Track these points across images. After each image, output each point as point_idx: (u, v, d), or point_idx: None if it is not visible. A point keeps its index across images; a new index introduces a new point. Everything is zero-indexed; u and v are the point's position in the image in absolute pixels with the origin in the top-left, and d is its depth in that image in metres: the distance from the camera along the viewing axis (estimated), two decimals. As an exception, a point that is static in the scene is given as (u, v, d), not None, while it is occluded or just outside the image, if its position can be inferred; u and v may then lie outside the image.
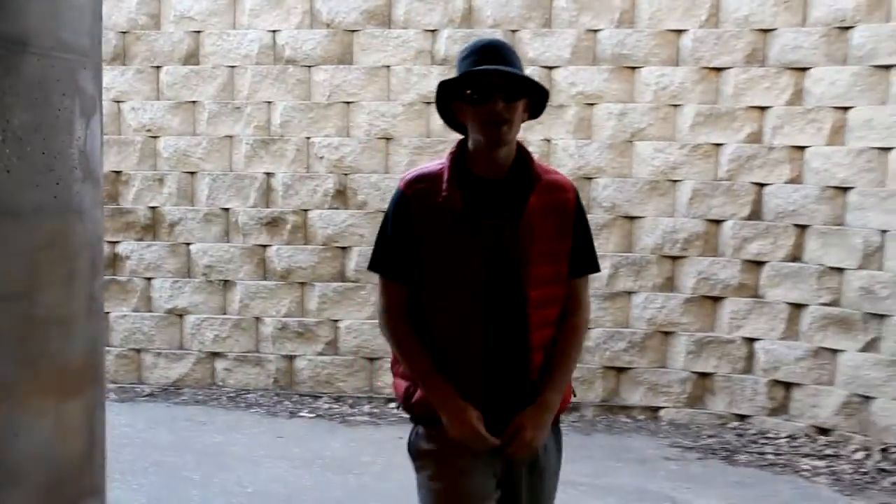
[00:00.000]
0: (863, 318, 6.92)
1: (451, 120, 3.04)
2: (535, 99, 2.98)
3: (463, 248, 2.95)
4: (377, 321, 3.26)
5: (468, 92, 2.88)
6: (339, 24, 8.15)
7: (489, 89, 2.83)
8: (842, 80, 7.12)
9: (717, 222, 7.50)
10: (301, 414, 7.82)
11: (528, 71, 7.36)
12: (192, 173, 8.21)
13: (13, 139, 2.97)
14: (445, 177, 2.97)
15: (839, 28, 7.13)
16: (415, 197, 2.99)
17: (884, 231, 6.82)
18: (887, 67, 6.88)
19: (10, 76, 2.90)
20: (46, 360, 3.17)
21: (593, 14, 7.69)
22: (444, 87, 2.96)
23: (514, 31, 7.88)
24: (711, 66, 7.61)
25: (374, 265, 3.13)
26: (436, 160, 3.33)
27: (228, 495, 5.94)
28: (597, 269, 3.22)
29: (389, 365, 3.26)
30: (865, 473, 6.59)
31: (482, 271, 2.95)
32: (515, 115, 2.88)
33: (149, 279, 8.23)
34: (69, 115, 3.27)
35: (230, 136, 8.29)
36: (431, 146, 7.99)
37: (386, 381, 8.04)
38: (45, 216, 3.18)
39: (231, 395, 8.17)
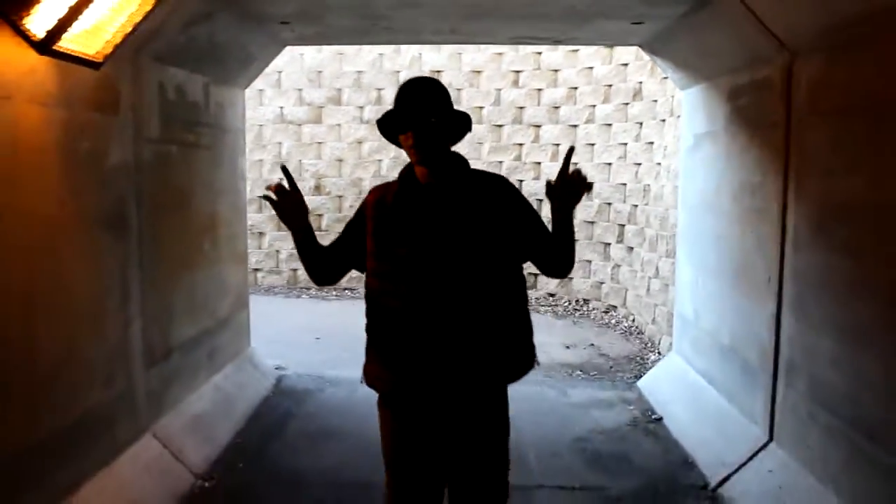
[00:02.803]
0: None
1: (396, 142, 2.20)
2: (459, 126, 2.17)
3: (399, 239, 2.14)
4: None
5: (398, 123, 2.13)
6: (314, 102, 8.75)
7: (411, 120, 2.09)
8: (555, 131, 8.16)
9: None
10: (302, 297, 8.40)
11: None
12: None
13: (229, 169, 4.38)
14: (394, 185, 2.22)
15: (555, 107, 8.21)
16: (371, 199, 2.25)
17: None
18: (574, 126, 8.09)
19: (221, 145, 4.33)
20: (236, 249, 4.51)
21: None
22: (384, 120, 2.17)
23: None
24: (496, 123, 8.35)
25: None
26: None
27: (277, 325, 6.60)
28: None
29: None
30: (568, 310, 7.89)
31: (409, 258, 2.12)
32: (434, 140, 2.11)
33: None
34: (236, 157, 4.70)
35: (260, 160, 8.73)
36: (362, 163, 8.75)
37: (345, 278, 9.31)
38: (234, 207, 4.66)
39: (265, 290, 8.64)
